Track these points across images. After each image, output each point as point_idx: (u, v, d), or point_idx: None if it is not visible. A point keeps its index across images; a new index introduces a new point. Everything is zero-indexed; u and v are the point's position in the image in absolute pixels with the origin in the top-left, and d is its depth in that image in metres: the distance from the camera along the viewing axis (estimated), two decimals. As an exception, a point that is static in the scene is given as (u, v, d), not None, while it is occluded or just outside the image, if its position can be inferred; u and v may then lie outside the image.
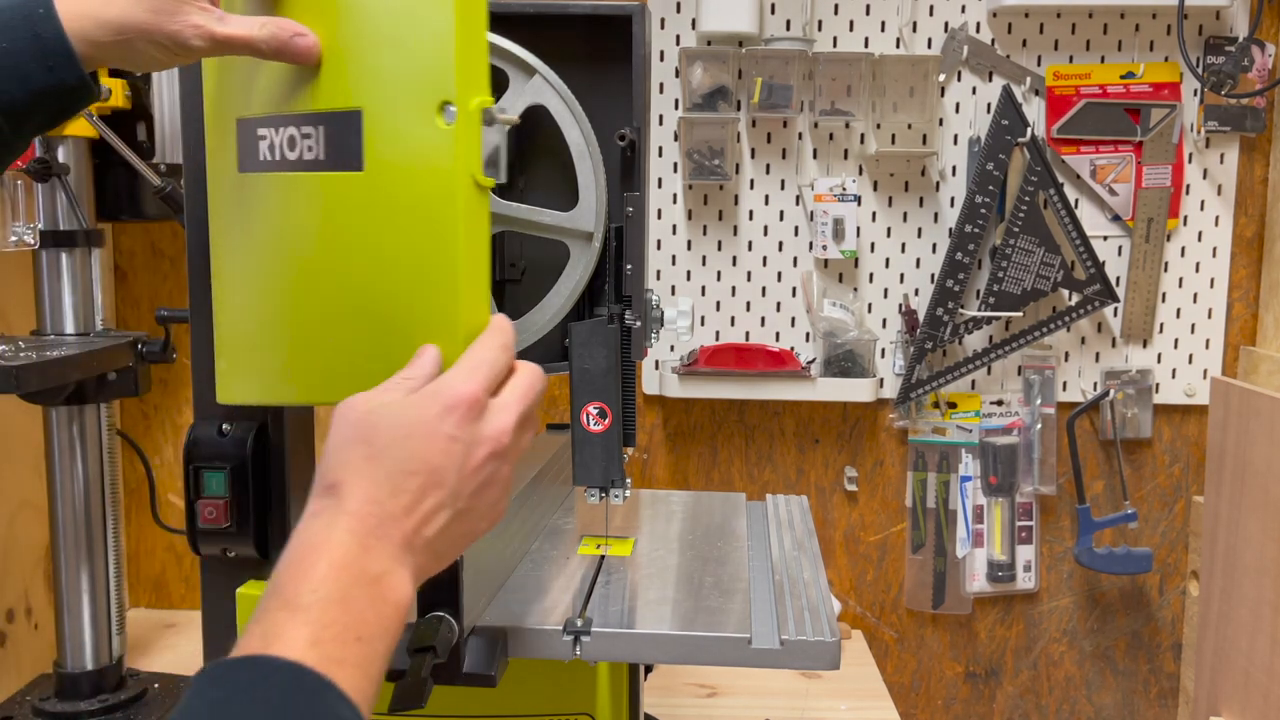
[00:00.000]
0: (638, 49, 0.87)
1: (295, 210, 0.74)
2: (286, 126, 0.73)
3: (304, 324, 0.75)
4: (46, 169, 1.29)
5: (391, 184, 0.70)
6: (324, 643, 0.54)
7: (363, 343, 0.72)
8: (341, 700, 0.53)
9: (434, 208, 0.69)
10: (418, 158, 0.69)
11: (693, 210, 1.64)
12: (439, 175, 0.69)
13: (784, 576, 0.98)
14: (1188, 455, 1.68)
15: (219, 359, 0.82)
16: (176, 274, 1.68)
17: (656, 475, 1.71)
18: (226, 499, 0.89)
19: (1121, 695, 1.75)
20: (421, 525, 0.61)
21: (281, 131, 0.73)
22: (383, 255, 0.71)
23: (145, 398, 1.68)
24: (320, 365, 0.75)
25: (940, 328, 1.62)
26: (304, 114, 0.72)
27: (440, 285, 0.70)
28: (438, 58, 0.68)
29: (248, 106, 0.76)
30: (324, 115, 0.72)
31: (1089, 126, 1.59)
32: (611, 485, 0.89)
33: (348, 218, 0.72)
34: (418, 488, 0.61)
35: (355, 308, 0.72)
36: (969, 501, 1.67)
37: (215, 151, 0.79)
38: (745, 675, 1.48)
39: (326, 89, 0.72)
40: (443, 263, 0.69)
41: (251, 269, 0.78)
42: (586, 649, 0.84)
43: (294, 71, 0.72)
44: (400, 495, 0.61)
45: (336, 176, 0.72)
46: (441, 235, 0.69)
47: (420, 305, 0.70)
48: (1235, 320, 1.65)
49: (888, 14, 1.60)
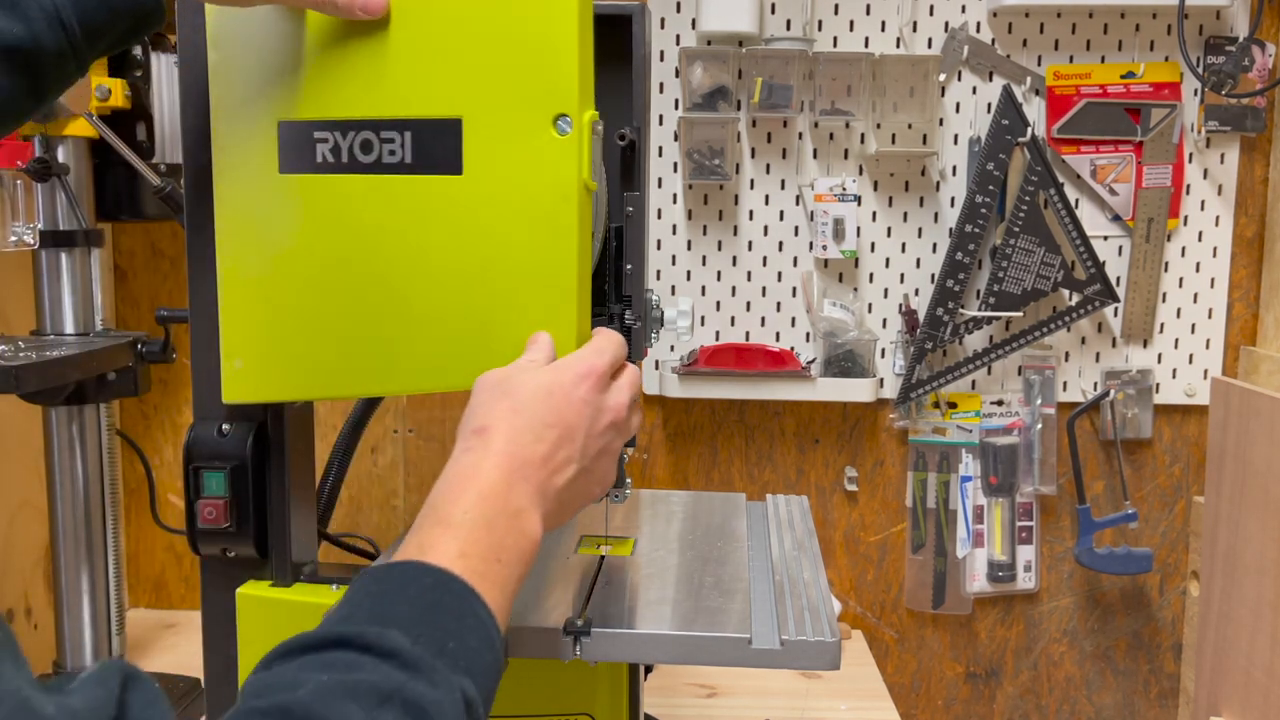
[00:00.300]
0: (638, 49, 0.87)
1: (367, 209, 0.79)
2: (359, 131, 0.78)
3: (366, 317, 0.80)
4: (46, 169, 1.29)
5: (494, 188, 0.77)
6: (470, 557, 0.62)
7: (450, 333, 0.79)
8: (482, 605, 0.61)
9: (549, 211, 0.77)
10: (527, 165, 0.76)
11: (693, 210, 1.64)
12: (554, 181, 0.76)
13: (784, 577, 0.98)
14: (1188, 455, 1.68)
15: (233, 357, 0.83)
16: (176, 274, 1.68)
17: (656, 475, 1.71)
18: (226, 499, 0.89)
19: (1122, 695, 1.74)
20: (553, 474, 0.70)
21: (350, 135, 0.78)
22: (481, 253, 0.78)
23: (145, 398, 1.68)
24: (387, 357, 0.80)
25: (940, 328, 1.62)
26: (384, 120, 0.78)
27: (557, 282, 0.78)
28: (558, 76, 0.76)
29: (294, 110, 0.79)
30: (413, 122, 0.78)
31: (1089, 126, 1.59)
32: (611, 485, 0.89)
33: (439, 218, 0.78)
34: (554, 440, 0.70)
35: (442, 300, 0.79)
36: (969, 501, 1.67)
37: (239, 153, 0.81)
38: (745, 675, 1.48)
39: (418, 98, 0.77)
40: (560, 261, 0.77)
41: (295, 266, 0.81)
42: (586, 649, 0.84)
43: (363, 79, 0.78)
44: (539, 444, 0.69)
45: (427, 179, 0.78)
46: (559, 237, 0.77)
47: (532, 299, 0.78)
48: (1235, 320, 1.65)
49: (888, 14, 1.60)
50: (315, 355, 0.82)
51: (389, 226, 0.79)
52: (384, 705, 0.52)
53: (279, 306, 0.82)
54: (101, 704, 0.42)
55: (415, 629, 0.57)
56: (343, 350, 0.82)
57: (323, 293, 0.81)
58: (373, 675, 0.53)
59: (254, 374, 0.83)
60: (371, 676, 0.53)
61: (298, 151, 0.80)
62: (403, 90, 0.78)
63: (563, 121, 0.76)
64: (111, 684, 0.43)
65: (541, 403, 0.70)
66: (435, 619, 0.58)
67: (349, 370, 0.82)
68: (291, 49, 0.79)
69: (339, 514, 1.62)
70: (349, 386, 0.83)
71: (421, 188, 0.78)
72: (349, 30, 0.78)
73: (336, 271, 0.81)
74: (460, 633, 0.59)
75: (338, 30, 0.78)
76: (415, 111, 0.78)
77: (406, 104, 0.78)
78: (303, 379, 0.83)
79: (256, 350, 0.83)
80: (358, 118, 0.78)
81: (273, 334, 0.82)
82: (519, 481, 0.67)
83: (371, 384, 0.83)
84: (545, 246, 0.77)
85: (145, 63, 1.35)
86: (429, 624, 0.58)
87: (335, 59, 0.79)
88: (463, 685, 0.57)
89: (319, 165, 0.79)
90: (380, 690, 0.52)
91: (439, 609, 0.59)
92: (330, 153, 0.79)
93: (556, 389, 0.71)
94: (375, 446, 1.70)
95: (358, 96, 0.78)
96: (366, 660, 0.54)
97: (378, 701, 0.52)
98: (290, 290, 0.82)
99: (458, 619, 0.59)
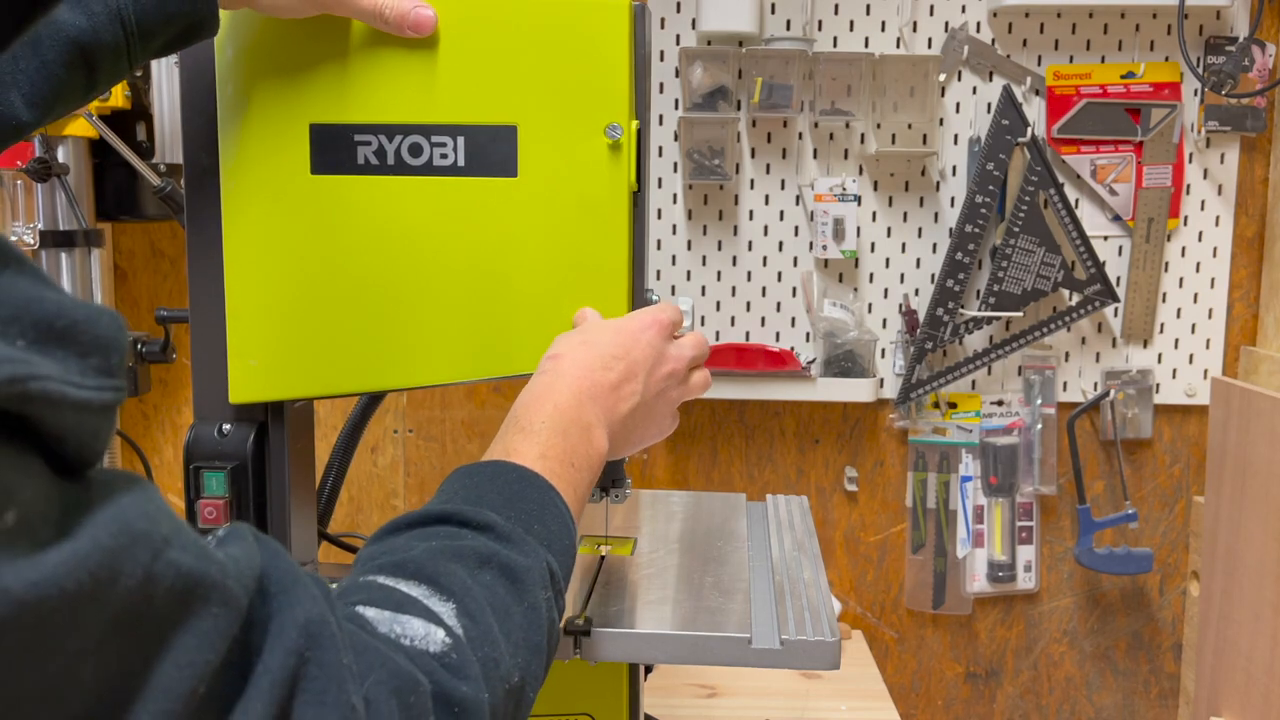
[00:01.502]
0: (638, 49, 0.87)
1: (412, 209, 0.83)
2: (407, 135, 0.83)
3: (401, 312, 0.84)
4: (46, 169, 1.29)
5: (547, 191, 0.83)
6: (549, 459, 0.70)
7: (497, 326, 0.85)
8: (560, 500, 0.69)
9: (601, 214, 0.84)
10: (579, 169, 0.83)
11: (693, 210, 1.64)
12: (605, 185, 0.83)
13: (784, 577, 0.98)
14: (1188, 455, 1.68)
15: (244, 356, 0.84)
16: (176, 274, 1.68)
17: (656, 475, 1.71)
18: (226, 499, 0.89)
19: (1122, 696, 1.74)
20: (619, 402, 0.76)
21: (398, 139, 0.83)
22: (534, 251, 0.84)
23: (145, 398, 1.68)
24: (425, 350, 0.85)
25: (940, 328, 1.62)
26: (436, 125, 0.83)
27: (609, 280, 0.85)
28: (611, 88, 0.82)
29: (330, 113, 0.82)
30: (466, 128, 0.83)
31: (1089, 126, 1.59)
32: (611, 485, 0.89)
33: (492, 218, 0.83)
34: (622, 370, 0.77)
35: (493, 296, 0.84)
36: (969, 502, 1.67)
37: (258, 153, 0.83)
38: (745, 675, 1.48)
39: (472, 106, 0.83)
40: (612, 261, 0.85)
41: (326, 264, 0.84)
42: (586, 649, 0.84)
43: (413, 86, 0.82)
44: (607, 373, 0.76)
45: (480, 182, 0.83)
46: (610, 238, 0.84)
47: (585, 295, 0.85)
48: (1236, 320, 1.65)
49: (888, 14, 1.60)
50: (333, 351, 0.85)
51: (437, 226, 0.84)
52: (483, 567, 0.60)
53: (298, 304, 0.84)
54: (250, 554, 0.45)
55: (505, 511, 0.65)
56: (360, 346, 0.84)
57: (345, 289, 0.84)
58: (473, 543, 0.61)
59: (268, 372, 0.84)
60: (472, 544, 0.61)
61: (335, 153, 0.83)
62: (456, 98, 0.82)
63: (613, 130, 0.82)
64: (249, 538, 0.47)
65: (610, 338, 0.78)
66: (522, 505, 0.66)
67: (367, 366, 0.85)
68: (326, 53, 0.82)
69: (339, 514, 1.62)
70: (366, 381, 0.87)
71: (474, 190, 0.83)
72: (396, 40, 0.81)
73: (362, 268, 0.84)
74: (543, 518, 0.66)
75: (383, 39, 0.82)
76: (469, 118, 0.82)
77: (460, 111, 0.82)
78: (318, 375, 0.85)
79: (271, 348, 0.84)
80: (407, 123, 0.83)
81: (289, 331, 0.84)
82: (588, 401, 0.74)
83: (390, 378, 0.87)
84: (597, 246, 0.84)
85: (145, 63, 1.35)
86: (517, 509, 0.65)
87: (381, 66, 0.82)
88: (547, 558, 0.64)
89: (360, 167, 0.83)
90: (480, 554, 0.60)
91: (524, 498, 0.67)
92: (374, 155, 0.83)
93: (624, 329, 0.79)
94: (375, 446, 1.70)
95: (407, 102, 0.83)
96: (466, 532, 0.62)
97: (478, 563, 0.60)
98: (311, 287, 0.84)
99: (540, 507, 0.67)
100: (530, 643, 0.60)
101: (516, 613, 0.60)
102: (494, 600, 0.59)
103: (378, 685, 0.49)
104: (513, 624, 0.59)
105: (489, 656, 0.56)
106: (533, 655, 0.60)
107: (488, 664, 0.55)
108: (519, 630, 0.59)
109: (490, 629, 0.57)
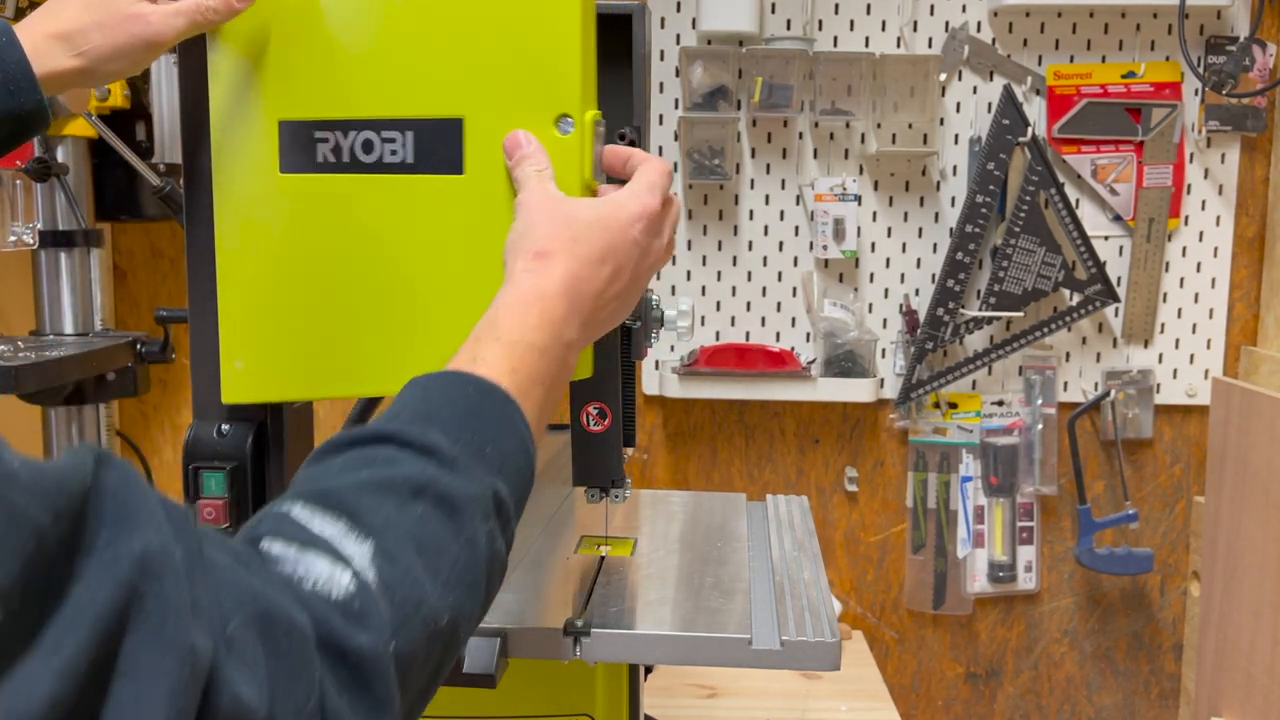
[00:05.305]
0: (638, 49, 0.87)
1: (368, 209, 0.79)
2: (359, 131, 0.78)
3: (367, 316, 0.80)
4: (45, 169, 1.28)
5: (495, 188, 0.77)
6: (519, 374, 0.65)
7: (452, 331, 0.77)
8: (522, 419, 0.64)
9: None
10: None
11: (693, 210, 1.64)
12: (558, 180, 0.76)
13: (784, 577, 0.98)
14: (1188, 455, 1.68)
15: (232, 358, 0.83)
16: (176, 274, 1.68)
17: (656, 475, 1.71)
18: (226, 499, 0.89)
19: (1122, 696, 1.74)
20: (600, 308, 0.72)
21: (352, 135, 0.78)
22: (483, 253, 0.77)
23: (144, 398, 1.68)
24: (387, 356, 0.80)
25: (941, 328, 1.61)
26: (386, 119, 0.78)
27: None
28: (560, 77, 0.76)
29: (293, 109, 0.79)
30: (414, 122, 0.77)
31: (1090, 126, 1.59)
32: (611, 485, 0.89)
33: (440, 217, 0.78)
34: (608, 274, 0.72)
35: (443, 299, 0.79)
36: (970, 502, 1.67)
37: (239, 152, 0.80)
38: (745, 676, 1.48)
39: (419, 98, 0.77)
40: None
41: (295, 266, 0.80)
42: (586, 649, 0.84)
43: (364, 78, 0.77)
44: (594, 279, 0.71)
45: (429, 179, 0.77)
46: None
47: None
48: (1236, 320, 1.65)
49: (888, 13, 1.59)
50: (315, 355, 0.82)
51: (390, 226, 0.79)
52: (416, 497, 0.56)
53: (279, 306, 0.81)
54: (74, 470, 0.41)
55: (457, 430, 0.60)
56: (343, 350, 0.81)
57: (323, 292, 0.81)
58: (408, 469, 0.57)
59: (254, 374, 0.83)
60: (407, 470, 0.57)
61: (299, 151, 0.79)
62: (404, 90, 0.78)
63: (565, 122, 0.76)
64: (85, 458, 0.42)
65: (599, 236, 0.72)
66: (476, 424, 0.61)
67: (349, 370, 0.81)
68: (292, 48, 0.79)
69: (339, 514, 1.62)
70: (349, 386, 0.83)
71: (423, 187, 0.78)
72: (350, 30, 0.78)
73: (336, 271, 0.80)
74: (499, 438, 0.62)
75: (339, 30, 0.78)
76: (416, 111, 0.78)
77: (408, 104, 0.78)
78: (303, 379, 0.82)
79: (256, 350, 0.82)
80: (359, 117, 0.78)
81: (273, 334, 0.82)
82: (572, 312, 0.69)
83: (372, 383, 0.83)
84: None
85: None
86: (470, 427, 0.61)
87: (337, 58, 0.78)
88: (495, 485, 0.60)
89: (320, 165, 0.79)
90: (414, 483, 0.56)
91: (481, 415, 0.62)
92: (331, 152, 0.79)
93: (614, 224, 0.73)
94: (375, 447, 1.69)
95: (358, 96, 0.78)
96: (405, 455, 0.57)
97: (411, 494, 0.56)
98: (290, 290, 0.81)
99: (498, 425, 0.62)
100: (465, 580, 0.56)
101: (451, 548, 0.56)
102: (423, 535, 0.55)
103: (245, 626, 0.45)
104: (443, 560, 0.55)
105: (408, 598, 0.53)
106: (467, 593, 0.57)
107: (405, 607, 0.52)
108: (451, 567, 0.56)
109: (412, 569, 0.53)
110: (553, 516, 1.18)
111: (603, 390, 0.87)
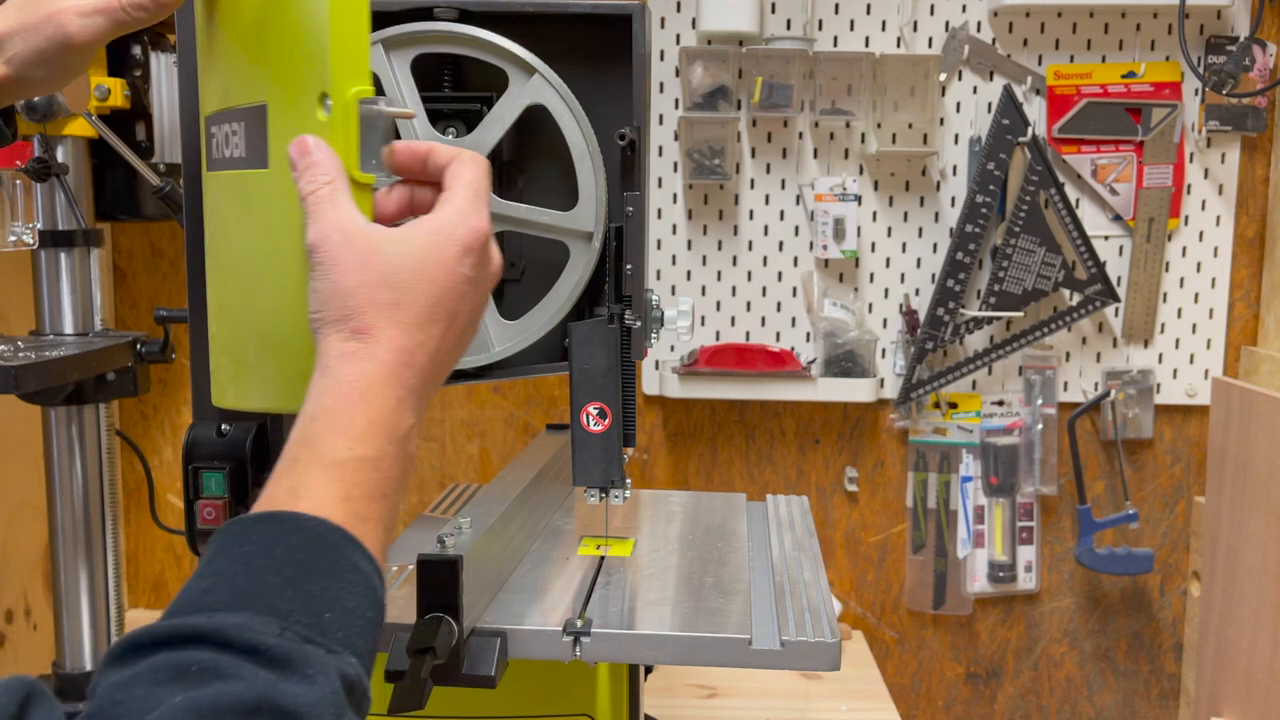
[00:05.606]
0: (638, 48, 0.87)
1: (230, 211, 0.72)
2: (224, 123, 0.71)
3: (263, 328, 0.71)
4: (45, 169, 1.28)
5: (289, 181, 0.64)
6: (354, 500, 0.55)
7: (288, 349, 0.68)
8: (362, 553, 0.55)
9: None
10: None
11: (693, 210, 1.64)
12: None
13: (784, 577, 0.98)
14: (1189, 455, 1.68)
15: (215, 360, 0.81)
16: (176, 274, 1.68)
17: (656, 475, 1.71)
18: (225, 499, 0.89)
19: (1122, 696, 1.74)
20: (437, 367, 0.62)
21: (220, 128, 0.71)
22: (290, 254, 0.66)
23: (144, 398, 1.68)
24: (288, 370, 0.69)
25: (941, 328, 1.61)
26: (232, 110, 0.70)
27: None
28: (316, 48, 0.64)
29: (209, 102, 0.74)
30: (242, 111, 0.69)
31: (1090, 126, 1.59)
32: (611, 485, 0.89)
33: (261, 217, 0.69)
34: (439, 333, 0.61)
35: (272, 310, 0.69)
36: (970, 502, 1.67)
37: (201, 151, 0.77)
38: (745, 676, 1.48)
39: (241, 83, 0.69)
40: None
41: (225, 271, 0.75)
42: (586, 650, 0.84)
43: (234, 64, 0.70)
44: (426, 344, 0.60)
45: (252, 175, 0.69)
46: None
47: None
48: (1236, 320, 1.65)
49: (888, 13, 1.59)
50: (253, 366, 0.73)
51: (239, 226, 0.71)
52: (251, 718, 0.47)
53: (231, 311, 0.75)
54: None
55: (285, 604, 0.51)
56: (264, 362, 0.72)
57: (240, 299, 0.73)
58: (234, 685, 0.47)
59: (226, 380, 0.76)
60: (233, 686, 0.47)
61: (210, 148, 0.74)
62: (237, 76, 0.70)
63: (327, 102, 0.64)
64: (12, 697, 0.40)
65: (425, 290, 0.60)
66: (309, 586, 0.52)
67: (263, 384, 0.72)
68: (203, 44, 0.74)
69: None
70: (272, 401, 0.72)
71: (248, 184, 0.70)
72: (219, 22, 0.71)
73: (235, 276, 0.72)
74: (338, 596, 0.53)
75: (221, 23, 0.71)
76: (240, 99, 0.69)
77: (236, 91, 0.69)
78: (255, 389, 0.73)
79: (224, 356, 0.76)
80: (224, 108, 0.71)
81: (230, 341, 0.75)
82: (407, 395, 0.59)
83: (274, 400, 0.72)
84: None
85: (145, 62, 1.35)
86: (302, 593, 0.52)
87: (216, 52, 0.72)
88: (341, 667, 0.51)
89: (214, 162, 0.73)
90: (242, 702, 0.47)
91: (313, 573, 0.52)
92: (217, 148, 0.72)
93: (439, 268, 0.61)
94: (375, 447, 1.69)
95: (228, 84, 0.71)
96: (226, 662, 0.48)
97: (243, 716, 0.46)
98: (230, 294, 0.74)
99: (334, 578, 0.53)
100: None
101: None
102: None
103: None
104: None
105: None
106: None
107: None
108: None
109: None
110: (553, 516, 1.18)
111: (603, 390, 0.87)
